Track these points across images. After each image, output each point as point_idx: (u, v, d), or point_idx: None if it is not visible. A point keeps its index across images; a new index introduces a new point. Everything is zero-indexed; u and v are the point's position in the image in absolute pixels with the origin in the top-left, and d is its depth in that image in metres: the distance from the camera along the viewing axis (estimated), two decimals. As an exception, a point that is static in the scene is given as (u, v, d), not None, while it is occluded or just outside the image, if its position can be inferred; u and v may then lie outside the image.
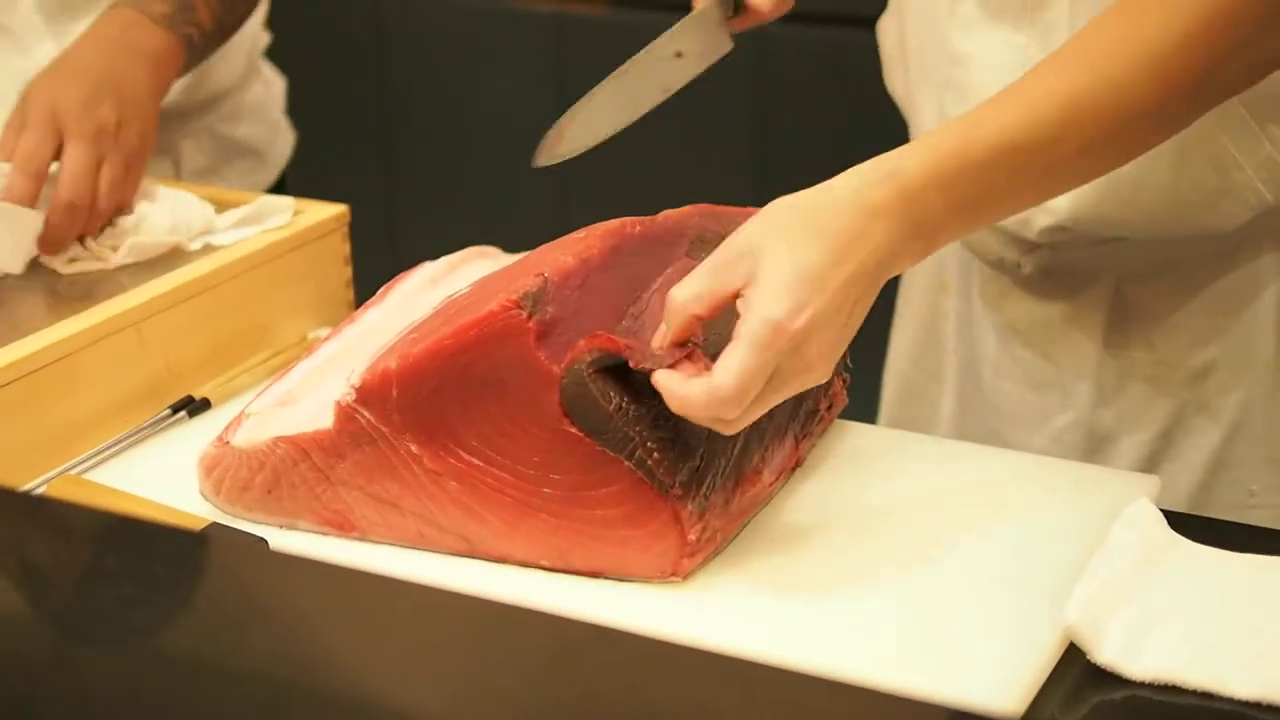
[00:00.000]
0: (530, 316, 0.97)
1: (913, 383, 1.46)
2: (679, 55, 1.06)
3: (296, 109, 1.87)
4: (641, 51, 1.06)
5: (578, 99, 1.12)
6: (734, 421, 0.94)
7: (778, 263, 0.93)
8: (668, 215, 1.11)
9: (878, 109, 1.51)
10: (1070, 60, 1.00)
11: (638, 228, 1.07)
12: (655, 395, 0.96)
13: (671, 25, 1.12)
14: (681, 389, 0.93)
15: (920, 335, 1.44)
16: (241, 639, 0.70)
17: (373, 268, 1.42)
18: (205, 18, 1.44)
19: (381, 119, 2.84)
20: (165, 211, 1.31)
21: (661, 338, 0.97)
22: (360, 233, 1.40)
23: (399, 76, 2.80)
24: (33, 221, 1.26)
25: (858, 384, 1.21)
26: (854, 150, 1.13)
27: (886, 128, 1.46)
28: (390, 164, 2.84)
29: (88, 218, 1.28)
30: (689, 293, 0.95)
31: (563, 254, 1.02)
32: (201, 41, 1.44)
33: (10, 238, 1.25)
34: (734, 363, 0.92)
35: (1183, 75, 1.00)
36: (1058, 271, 1.28)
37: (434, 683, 0.67)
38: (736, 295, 0.94)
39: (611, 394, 0.96)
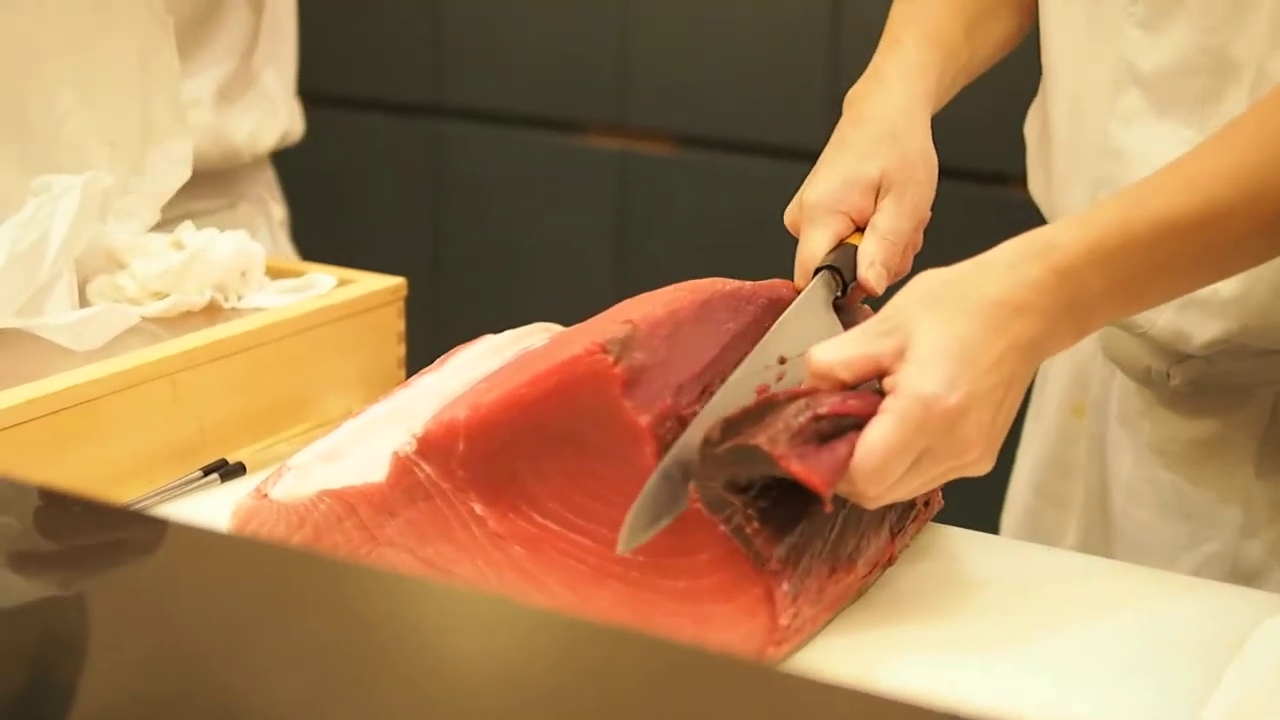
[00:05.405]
0: (617, 362, 0.87)
1: (1035, 510, 1.35)
2: (782, 361, 0.96)
3: (362, 236, 1.79)
4: (747, 360, 0.94)
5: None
6: (875, 498, 0.87)
7: (931, 337, 0.86)
8: (757, 283, 1.02)
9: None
10: (1237, 139, 0.94)
11: (727, 287, 0.98)
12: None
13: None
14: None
15: (1048, 459, 1.34)
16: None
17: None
18: None
19: (441, 246, 2.87)
20: (222, 259, 1.22)
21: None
22: (413, 336, 1.32)
23: (462, 206, 2.86)
24: (126, 319, 1.16)
25: (974, 501, 1.09)
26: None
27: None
28: (444, 287, 2.88)
29: None
30: (837, 358, 0.87)
31: (650, 305, 0.93)
32: None
33: (101, 331, 1.13)
34: (878, 439, 0.84)
35: None
36: (1210, 386, 1.18)
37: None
38: (885, 368, 0.87)
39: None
